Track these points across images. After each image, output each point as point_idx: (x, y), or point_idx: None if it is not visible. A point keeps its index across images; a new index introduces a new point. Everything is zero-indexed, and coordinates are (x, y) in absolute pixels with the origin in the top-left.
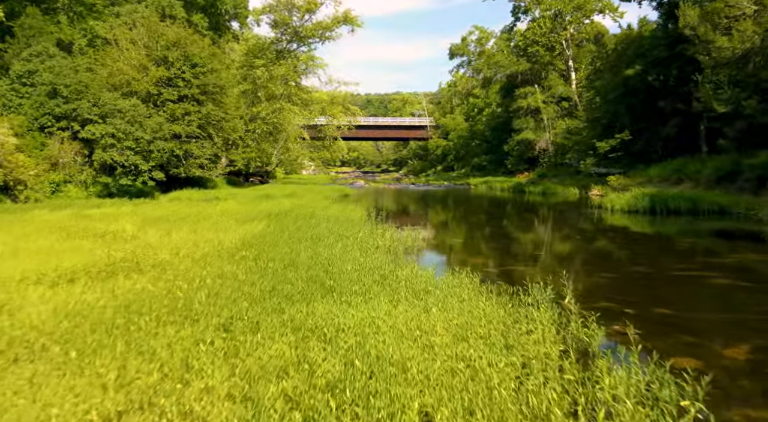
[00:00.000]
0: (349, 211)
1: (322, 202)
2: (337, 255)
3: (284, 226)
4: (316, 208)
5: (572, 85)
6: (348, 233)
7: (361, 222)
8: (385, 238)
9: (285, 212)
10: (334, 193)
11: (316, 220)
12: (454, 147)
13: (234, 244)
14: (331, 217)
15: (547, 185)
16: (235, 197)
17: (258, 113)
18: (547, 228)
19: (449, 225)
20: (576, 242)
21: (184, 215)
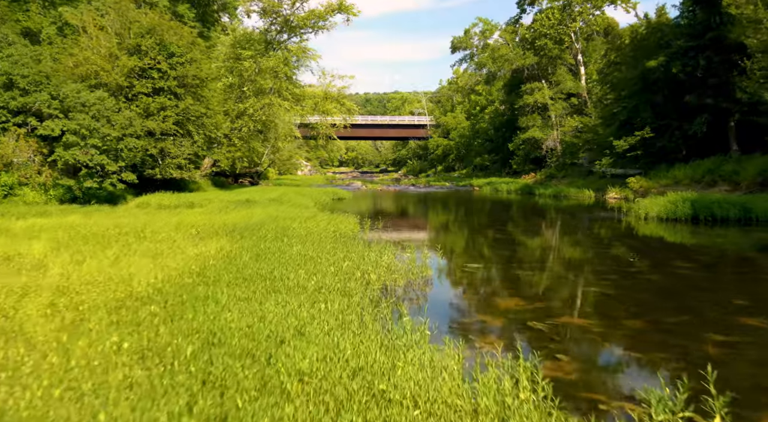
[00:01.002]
0: (337, 223)
1: (306, 211)
2: (295, 322)
3: (245, 249)
4: (296, 219)
5: (581, 81)
6: (328, 260)
7: (349, 239)
8: (379, 266)
9: (256, 225)
10: (327, 197)
11: (289, 240)
12: (455, 146)
13: (154, 285)
14: (312, 233)
15: (558, 187)
16: (211, 202)
17: (245, 109)
18: (585, 246)
19: (460, 240)
20: (640, 276)
21: (131, 229)
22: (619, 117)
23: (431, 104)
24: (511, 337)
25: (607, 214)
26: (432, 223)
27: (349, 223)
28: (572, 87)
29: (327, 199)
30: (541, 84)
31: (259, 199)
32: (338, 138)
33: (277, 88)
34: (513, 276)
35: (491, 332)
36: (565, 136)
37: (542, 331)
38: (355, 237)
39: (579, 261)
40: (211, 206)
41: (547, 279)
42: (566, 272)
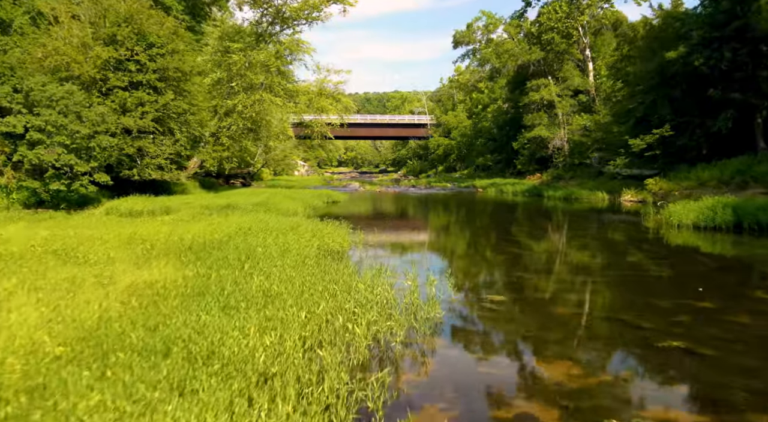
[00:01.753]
0: (324, 235)
1: (290, 220)
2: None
3: (188, 281)
4: (275, 232)
5: (589, 77)
6: (300, 298)
7: (336, 259)
8: (370, 304)
9: (224, 239)
10: (319, 200)
11: (255, 263)
12: (456, 146)
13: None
14: (290, 251)
15: (569, 189)
16: (189, 207)
17: (234, 106)
18: (626, 267)
19: (471, 257)
20: (726, 320)
21: (63, 245)
22: (634, 113)
23: (431, 103)
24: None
25: (627, 219)
26: (435, 232)
27: (339, 235)
28: (580, 83)
29: (319, 202)
30: (547, 80)
31: (242, 204)
32: (336, 137)
33: (269, 84)
34: (552, 317)
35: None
36: (573, 134)
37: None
38: (343, 254)
39: (632, 296)
40: (183, 213)
41: (599, 323)
42: (621, 310)
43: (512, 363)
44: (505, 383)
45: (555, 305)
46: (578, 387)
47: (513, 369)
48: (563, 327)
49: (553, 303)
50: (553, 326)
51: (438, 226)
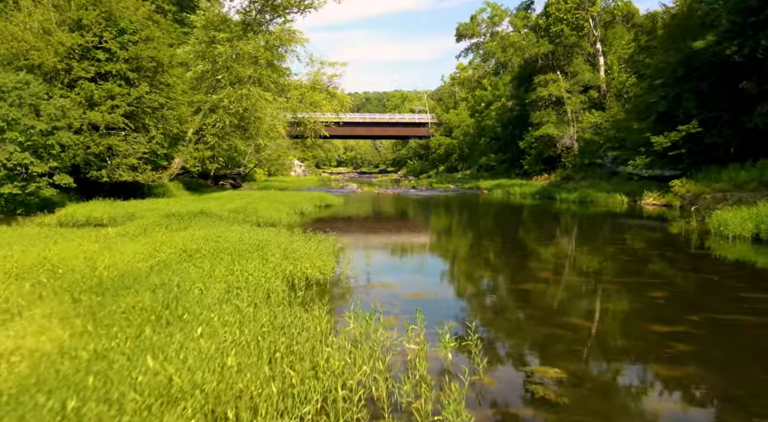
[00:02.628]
0: (301, 255)
1: (261, 234)
2: None
3: (52, 362)
4: (234, 254)
5: (600, 72)
6: (228, 387)
7: (310, 298)
8: (353, 395)
9: (155, 268)
10: (310, 204)
11: (182, 310)
12: (458, 145)
13: None
14: (244, 287)
15: (583, 191)
16: (155, 213)
17: (220, 101)
18: (697, 305)
19: (495, 290)
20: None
21: None
22: (656, 109)
23: (432, 102)
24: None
25: (656, 226)
26: (441, 247)
27: (320, 256)
28: (591, 78)
29: (310, 206)
30: (555, 75)
31: (218, 210)
32: (335, 137)
33: (258, 77)
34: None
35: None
36: (584, 133)
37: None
38: (323, 285)
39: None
40: (141, 222)
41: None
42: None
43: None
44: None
45: (660, 396)
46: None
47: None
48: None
49: (652, 388)
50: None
51: (443, 239)
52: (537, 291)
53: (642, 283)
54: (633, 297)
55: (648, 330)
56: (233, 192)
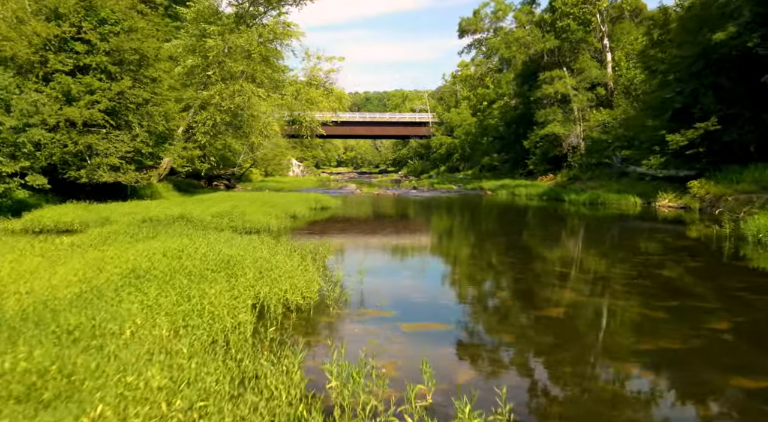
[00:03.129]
0: (282, 274)
1: (238, 244)
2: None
3: None
4: (190, 275)
5: (608, 68)
6: None
7: (283, 335)
8: None
9: (86, 296)
10: (305, 206)
11: (85, 375)
12: (460, 145)
13: None
14: (198, 325)
15: (594, 193)
16: (132, 217)
17: (211, 97)
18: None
19: (517, 321)
20: None
21: None
22: (672, 105)
23: (433, 101)
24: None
25: (677, 231)
26: (446, 258)
27: (304, 273)
28: (598, 75)
29: (304, 209)
30: (561, 72)
31: (200, 214)
32: (334, 136)
33: (251, 73)
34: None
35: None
36: (592, 131)
37: None
38: (306, 313)
39: None
40: (103, 230)
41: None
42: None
43: None
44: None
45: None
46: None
47: None
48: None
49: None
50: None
51: (447, 248)
52: (572, 324)
53: (691, 308)
54: (688, 330)
55: (728, 386)
56: (225, 193)
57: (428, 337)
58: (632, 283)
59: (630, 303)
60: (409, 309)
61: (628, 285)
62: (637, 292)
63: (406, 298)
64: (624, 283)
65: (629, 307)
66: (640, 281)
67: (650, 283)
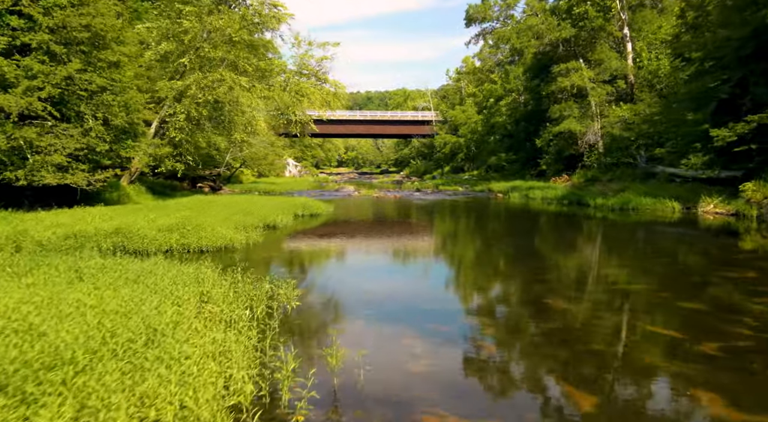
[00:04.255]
0: (219, 349)
1: (138, 295)
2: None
3: None
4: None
5: (628, 60)
6: None
7: None
8: None
9: None
10: (289, 214)
11: None
12: (465, 144)
13: None
14: None
15: (623, 197)
16: (53, 231)
17: (186, 88)
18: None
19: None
20: None
21: None
22: (716, 95)
23: (436, 99)
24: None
25: (731, 241)
26: (462, 289)
27: (221, 369)
28: (618, 67)
29: (287, 217)
30: (578, 63)
31: (146, 227)
32: (330, 135)
33: (232, 60)
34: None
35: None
36: (613, 128)
37: None
38: None
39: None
40: None
41: None
42: None
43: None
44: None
45: None
46: None
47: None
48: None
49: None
50: None
51: (463, 267)
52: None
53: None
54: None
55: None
56: (203, 197)
57: None
58: (723, 329)
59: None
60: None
61: (720, 332)
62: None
63: (406, 354)
64: (717, 329)
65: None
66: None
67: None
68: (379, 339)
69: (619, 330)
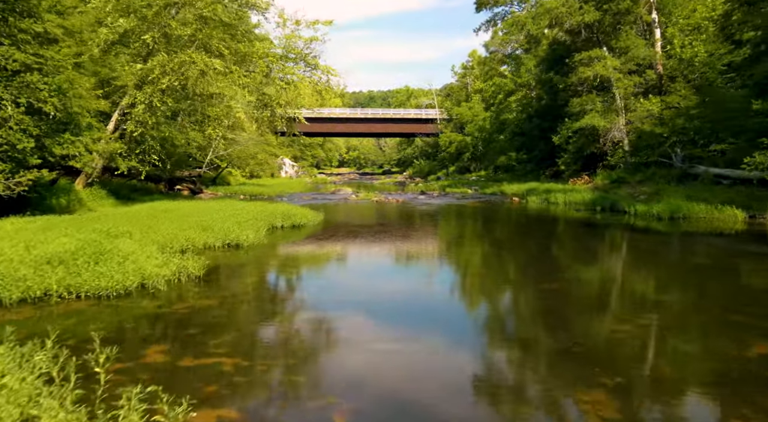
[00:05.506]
0: None
1: None
2: None
3: None
4: None
5: (656, 47)
6: None
7: None
8: None
9: None
10: (265, 225)
11: None
12: (471, 143)
13: None
14: None
15: (671, 203)
16: None
17: (149, 72)
18: None
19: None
20: None
21: None
22: None
23: (440, 97)
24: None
25: None
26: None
27: None
28: (647, 55)
29: (258, 233)
30: (601, 51)
31: (17, 264)
32: (329, 134)
33: (204, 40)
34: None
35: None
36: (643, 123)
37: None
38: None
39: None
40: None
41: None
42: None
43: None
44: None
45: None
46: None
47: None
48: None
49: None
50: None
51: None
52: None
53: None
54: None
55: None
56: (169, 204)
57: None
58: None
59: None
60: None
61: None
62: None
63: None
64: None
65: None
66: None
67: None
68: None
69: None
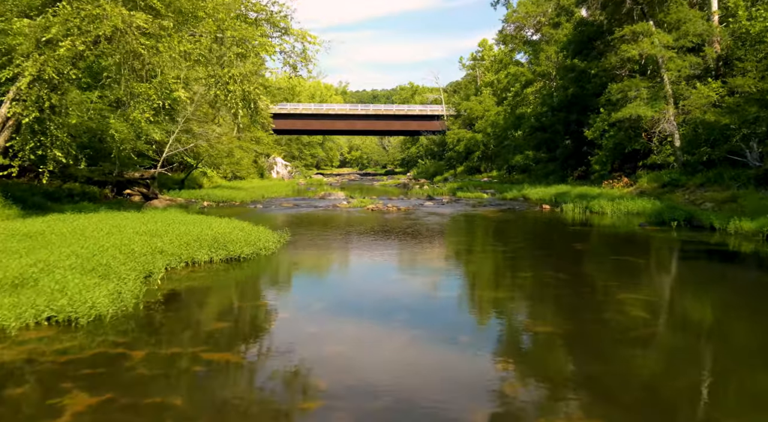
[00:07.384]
0: None
1: None
2: None
3: None
4: None
5: (714, 20)
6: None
7: None
8: None
9: None
10: (183, 258)
11: None
12: (482, 140)
13: None
14: None
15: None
16: None
17: (44, 31)
18: None
19: None
20: None
21: None
22: None
23: (447, 94)
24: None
25: None
26: None
27: None
28: (705, 31)
29: (105, 299)
30: (647, 24)
31: None
32: (327, 132)
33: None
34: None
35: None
36: (706, 113)
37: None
38: None
39: None
40: None
41: None
42: None
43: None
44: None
45: None
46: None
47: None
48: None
49: None
50: None
51: None
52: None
53: None
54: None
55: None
56: (67, 218)
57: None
58: None
59: None
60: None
61: None
62: None
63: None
64: None
65: None
66: None
67: None
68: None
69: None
